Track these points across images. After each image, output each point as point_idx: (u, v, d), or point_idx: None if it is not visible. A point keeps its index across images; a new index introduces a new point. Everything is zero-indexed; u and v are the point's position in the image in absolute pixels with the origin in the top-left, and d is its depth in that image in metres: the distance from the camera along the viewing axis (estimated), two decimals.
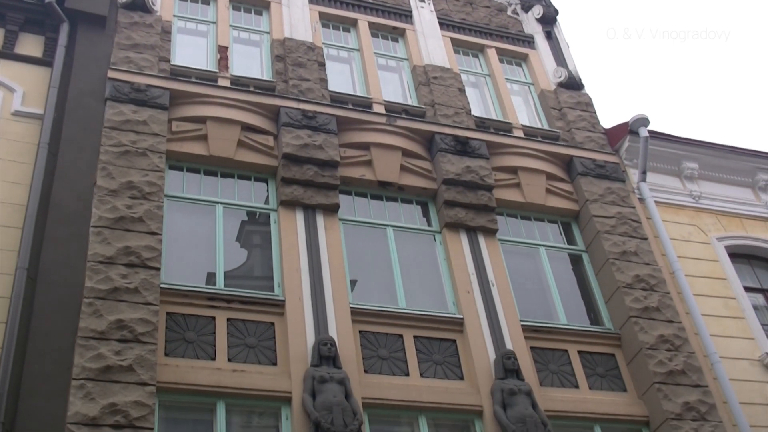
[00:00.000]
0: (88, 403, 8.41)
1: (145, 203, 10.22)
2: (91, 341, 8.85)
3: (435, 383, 10.32)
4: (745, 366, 12.08)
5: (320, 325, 10.11)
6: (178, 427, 9.30)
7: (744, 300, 13.02)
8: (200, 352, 9.60)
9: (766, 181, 14.92)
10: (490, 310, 11.14)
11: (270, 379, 9.55)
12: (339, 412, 9.10)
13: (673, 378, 11.13)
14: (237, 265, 10.96)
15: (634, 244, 12.59)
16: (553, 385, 10.96)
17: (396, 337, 10.61)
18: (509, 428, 9.75)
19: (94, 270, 9.42)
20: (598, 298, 12.26)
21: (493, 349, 10.71)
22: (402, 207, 12.31)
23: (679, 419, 10.71)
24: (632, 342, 11.50)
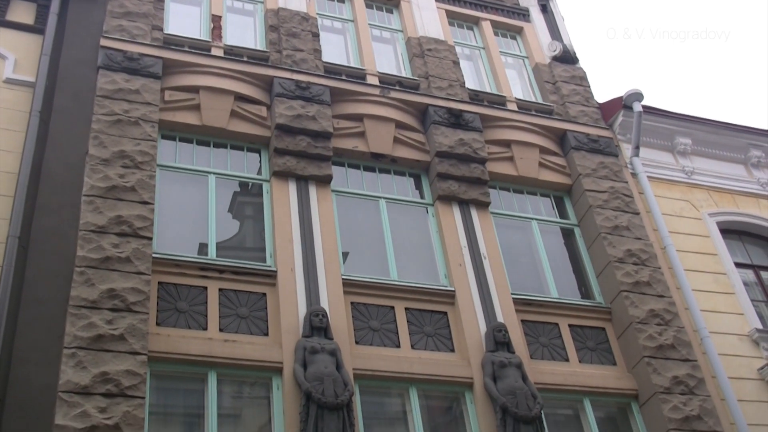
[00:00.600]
0: (80, 371, 8.42)
1: (138, 172, 10.19)
2: (83, 310, 8.84)
3: (426, 355, 10.36)
4: (734, 341, 12.16)
5: (312, 296, 10.13)
6: (169, 396, 9.33)
7: (734, 276, 13.08)
8: (192, 322, 9.61)
9: (758, 157, 14.94)
10: (481, 282, 11.17)
11: (261, 350, 9.58)
12: (330, 383, 9.13)
13: (663, 352, 11.19)
14: (229, 236, 10.95)
15: (626, 219, 12.62)
16: (543, 358, 11.03)
17: (387, 309, 10.64)
18: (499, 400, 9.81)
19: (85, 239, 9.40)
20: (589, 272, 12.31)
21: (484, 322, 10.75)
22: (395, 179, 12.30)
23: (668, 393, 10.78)
24: (622, 316, 11.56)
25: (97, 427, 8.11)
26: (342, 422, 8.96)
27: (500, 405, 9.78)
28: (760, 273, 13.84)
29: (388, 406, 10.16)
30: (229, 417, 9.43)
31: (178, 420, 9.37)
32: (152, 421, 8.86)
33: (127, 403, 8.36)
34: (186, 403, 9.43)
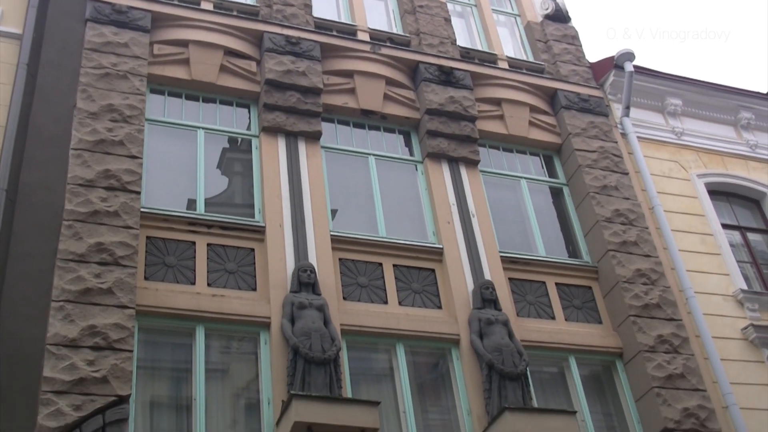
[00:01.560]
0: (68, 324, 8.44)
1: (126, 126, 10.14)
2: (71, 264, 8.84)
3: (413, 311, 10.42)
4: (719, 301, 12.26)
5: (300, 251, 10.14)
6: (157, 350, 9.37)
7: (721, 237, 13.14)
8: (180, 276, 9.63)
9: (748, 119, 14.94)
10: (469, 240, 11.20)
11: (249, 305, 9.61)
12: (317, 338, 9.18)
13: (648, 311, 11.28)
14: (218, 192, 10.93)
15: (615, 179, 12.65)
16: (529, 315, 11.10)
17: (375, 266, 10.67)
18: (485, 357, 9.89)
19: (73, 193, 9.36)
20: (577, 231, 12.36)
21: (471, 279, 10.80)
22: (384, 136, 12.27)
23: (652, 351, 10.88)
24: (609, 275, 11.63)
25: (86, 380, 8.15)
26: (329, 377, 9.01)
27: (486, 362, 9.86)
28: (747, 235, 13.92)
29: (375, 362, 10.23)
30: (216, 372, 9.49)
31: (165, 374, 9.41)
32: (140, 375, 8.90)
33: (115, 356, 8.40)
34: (174, 358, 9.48)
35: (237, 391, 9.52)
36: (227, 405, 9.38)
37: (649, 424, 10.51)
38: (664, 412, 10.39)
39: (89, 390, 8.12)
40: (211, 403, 9.10)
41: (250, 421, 9.23)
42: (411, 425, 9.61)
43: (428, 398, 10.20)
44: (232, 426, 9.25)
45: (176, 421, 9.05)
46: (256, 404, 9.25)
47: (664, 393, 10.56)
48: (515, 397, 9.64)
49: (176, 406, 9.14)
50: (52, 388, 8.00)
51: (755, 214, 14.37)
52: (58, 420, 7.85)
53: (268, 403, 9.08)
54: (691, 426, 10.40)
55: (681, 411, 10.46)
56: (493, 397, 9.67)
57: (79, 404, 8.01)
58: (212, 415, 9.05)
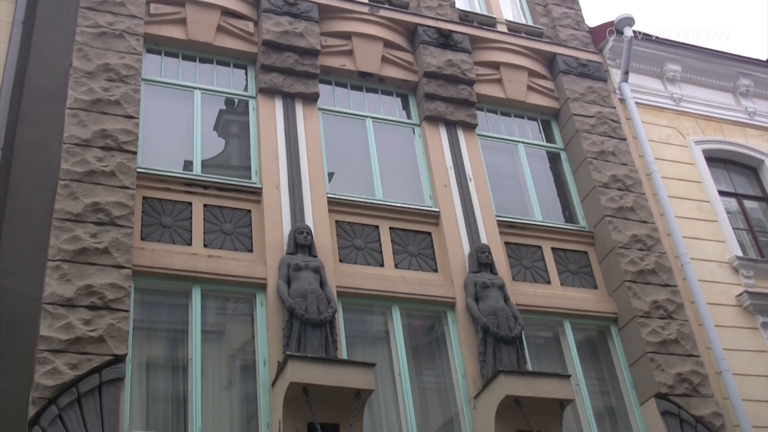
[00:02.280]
0: (64, 284, 8.44)
1: (122, 86, 10.07)
2: (67, 223, 8.83)
3: (409, 274, 10.43)
4: (714, 268, 12.29)
5: (297, 213, 10.13)
6: (153, 310, 9.38)
7: (717, 203, 13.15)
8: (176, 237, 9.62)
9: (747, 86, 14.89)
10: (466, 204, 11.20)
11: (245, 266, 9.61)
12: (313, 300, 9.20)
13: (644, 277, 11.31)
14: (214, 154, 10.89)
15: (613, 145, 12.62)
16: (525, 280, 11.12)
17: (372, 228, 10.66)
18: (481, 320, 9.92)
19: (69, 152, 9.32)
20: (574, 196, 12.36)
21: (467, 243, 10.81)
22: (382, 99, 12.22)
23: (647, 317, 10.93)
24: (605, 240, 11.65)
25: (82, 339, 8.16)
26: (325, 339, 9.04)
27: (481, 325, 9.89)
28: (743, 202, 13.93)
29: (370, 324, 10.26)
30: (212, 333, 9.51)
31: (161, 335, 9.42)
32: (136, 335, 8.92)
33: (111, 316, 8.41)
34: (170, 319, 9.48)
35: (233, 351, 9.55)
36: (223, 366, 9.41)
37: (643, 389, 10.58)
38: (658, 377, 10.45)
39: (86, 349, 8.14)
40: (206, 363, 9.13)
41: (245, 381, 9.27)
42: (406, 387, 9.66)
43: (423, 361, 10.24)
44: (228, 387, 9.29)
45: (172, 382, 9.08)
46: (251, 365, 9.28)
47: (658, 358, 10.62)
48: (510, 360, 9.68)
49: (172, 366, 9.17)
50: (48, 347, 8.02)
51: (752, 181, 14.37)
52: (55, 378, 7.87)
53: (264, 363, 9.11)
54: (684, 391, 10.47)
55: (674, 376, 10.52)
56: (488, 360, 9.71)
57: (75, 363, 8.02)
58: (208, 375, 9.08)
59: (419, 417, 9.60)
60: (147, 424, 8.64)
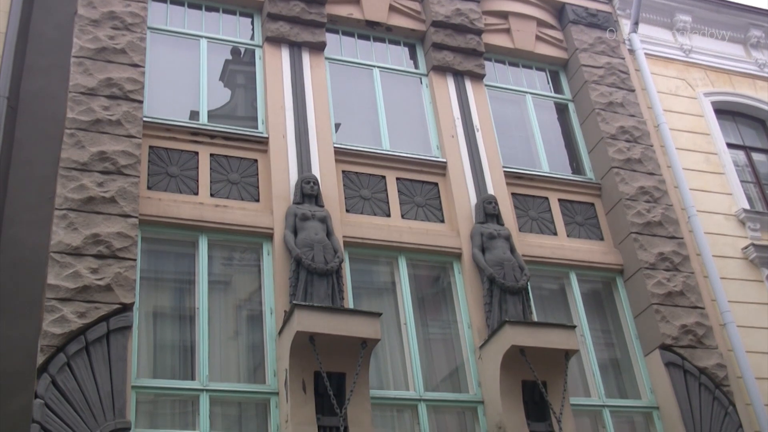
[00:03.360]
0: (71, 232, 8.46)
1: (128, 34, 9.99)
2: (73, 172, 8.82)
3: (416, 225, 10.43)
4: (721, 220, 12.26)
5: (303, 163, 10.10)
6: (160, 259, 9.41)
7: (725, 156, 13.09)
8: (183, 186, 9.61)
9: (758, 37, 14.73)
10: (473, 155, 11.15)
11: (252, 215, 9.62)
12: (320, 250, 9.21)
13: (650, 229, 11.30)
14: (220, 104, 10.85)
15: (621, 96, 12.53)
16: (531, 231, 11.12)
17: (378, 178, 10.64)
18: (487, 271, 9.93)
19: (75, 101, 9.29)
20: (581, 147, 12.30)
21: (474, 194, 10.78)
22: (389, 48, 12.11)
23: (653, 269, 10.94)
24: (612, 192, 11.62)
25: (89, 288, 8.20)
26: (331, 289, 9.06)
27: (487, 276, 9.91)
28: (751, 154, 13.85)
29: (376, 274, 10.29)
30: (219, 283, 9.55)
31: (168, 285, 9.47)
32: (143, 285, 8.95)
33: (118, 265, 8.44)
34: (177, 269, 9.52)
35: (239, 301, 9.60)
36: (230, 315, 9.46)
37: (647, 340, 10.62)
38: (663, 328, 10.48)
39: (93, 298, 8.19)
40: (213, 313, 9.18)
41: (252, 331, 9.33)
42: (412, 337, 9.72)
43: (429, 311, 10.28)
44: (235, 336, 9.35)
45: (179, 331, 9.14)
46: (258, 314, 9.33)
47: (663, 310, 10.65)
48: (515, 311, 9.72)
49: (179, 316, 9.23)
50: (56, 296, 8.07)
51: (760, 133, 14.28)
52: (63, 327, 7.93)
53: (271, 313, 9.16)
54: (688, 343, 10.51)
55: (679, 328, 10.56)
56: (494, 310, 9.74)
57: (83, 311, 8.08)
58: (215, 324, 9.14)
59: (425, 367, 9.67)
60: (154, 372, 8.71)
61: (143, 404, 8.37)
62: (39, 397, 7.58)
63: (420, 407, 9.30)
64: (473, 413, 9.53)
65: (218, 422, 8.54)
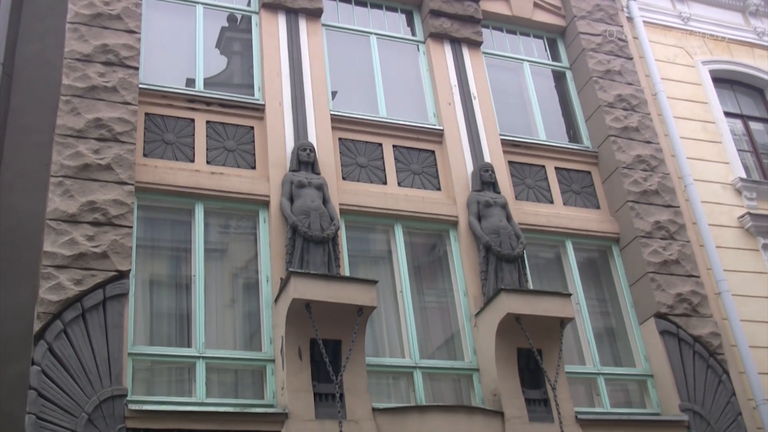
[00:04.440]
0: (67, 200, 8.45)
1: (123, 0, 9.91)
2: (69, 139, 8.79)
3: (412, 192, 10.42)
4: (717, 189, 12.27)
5: (300, 130, 10.07)
6: (156, 227, 9.41)
7: (723, 125, 13.06)
8: (179, 153, 9.58)
9: (757, 5, 14.63)
10: (470, 122, 11.12)
11: (248, 183, 9.60)
12: (316, 217, 9.20)
13: (647, 197, 11.30)
14: (217, 72, 10.77)
15: (619, 64, 12.48)
16: (528, 199, 11.12)
17: (375, 146, 10.62)
18: (483, 239, 9.94)
19: (71, 67, 9.23)
20: (578, 115, 12.27)
21: (471, 162, 10.77)
22: (386, 15, 12.02)
23: (649, 237, 10.95)
24: (609, 160, 11.61)
25: (86, 255, 8.21)
26: (327, 256, 9.07)
27: (484, 243, 9.92)
28: (749, 123, 13.82)
29: (373, 242, 10.29)
30: (215, 251, 9.56)
31: (165, 253, 9.48)
32: (139, 252, 8.96)
33: (114, 232, 8.44)
34: (173, 237, 9.52)
35: (235, 269, 9.61)
36: (226, 282, 9.48)
37: (642, 309, 10.67)
38: (658, 296, 10.52)
39: (89, 265, 8.20)
40: (210, 280, 9.20)
41: (248, 298, 9.35)
42: (408, 305, 9.74)
43: (425, 279, 10.31)
44: (231, 304, 9.37)
45: (175, 298, 9.16)
46: (254, 282, 9.35)
47: (659, 278, 10.68)
48: (511, 278, 9.74)
49: (175, 283, 9.24)
50: (52, 263, 8.07)
51: (758, 102, 14.24)
52: (59, 294, 7.94)
53: (267, 280, 9.17)
54: (683, 311, 10.55)
55: (674, 296, 10.60)
56: (490, 278, 9.76)
57: (79, 279, 8.09)
58: (211, 292, 9.16)
59: (420, 334, 9.71)
60: (151, 339, 8.75)
61: (140, 371, 8.40)
62: (36, 363, 7.61)
63: (416, 374, 9.35)
64: (468, 380, 9.58)
65: (214, 389, 8.58)
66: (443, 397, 9.48)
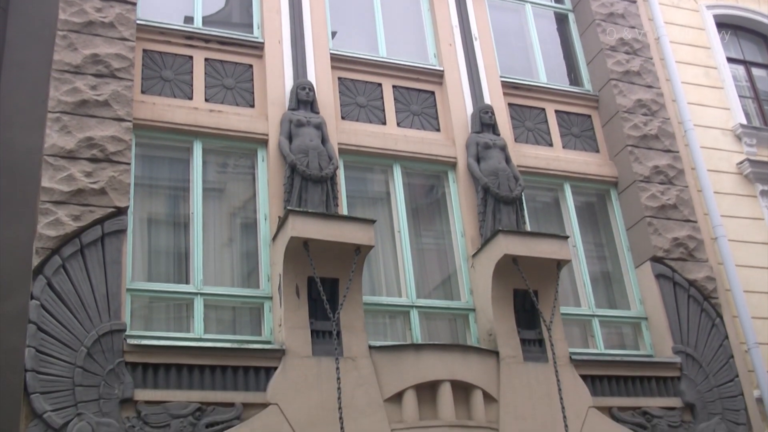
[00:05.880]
0: (65, 136, 8.42)
1: None
2: (66, 75, 8.73)
3: (411, 133, 10.38)
4: (717, 135, 12.24)
5: (299, 69, 9.99)
6: (154, 165, 9.38)
7: (725, 70, 12.98)
8: (177, 91, 9.52)
9: None
10: (470, 64, 11.04)
11: (247, 121, 9.56)
12: (315, 156, 9.18)
13: (646, 142, 11.28)
14: (215, 10, 10.65)
15: (622, 7, 12.36)
16: (527, 141, 11.09)
17: (375, 86, 10.55)
18: (481, 180, 9.93)
19: (67, 2, 9.11)
20: (580, 58, 12.18)
21: (471, 103, 10.71)
22: None
23: (647, 182, 10.96)
24: (609, 104, 11.56)
25: (84, 191, 8.21)
26: (326, 195, 9.07)
27: (482, 185, 9.91)
28: (751, 69, 13.73)
29: (371, 182, 10.28)
30: (213, 190, 9.55)
31: (163, 191, 9.45)
32: (138, 191, 8.95)
33: (112, 169, 8.44)
34: (171, 175, 9.49)
35: (234, 208, 9.61)
36: (224, 221, 9.50)
37: (639, 253, 10.71)
38: (654, 241, 10.57)
39: (88, 201, 8.21)
40: (208, 219, 9.22)
41: (246, 237, 9.38)
42: (405, 245, 9.78)
43: (423, 220, 10.33)
44: (229, 242, 9.40)
45: (174, 236, 9.18)
46: (252, 220, 9.36)
47: (656, 223, 10.71)
48: (509, 220, 9.75)
49: (174, 222, 9.25)
50: (50, 199, 8.08)
51: (761, 48, 14.13)
52: (58, 229, 7.97)
53: (265, 219, 9.19)
54: (679, 255, 10.60)
55: (671, 240, 10.64)
56: (488, 220, 9.78)
57: (77, 215, 8.11)
58: (209, 230, 9.18)
59: (417, 274, 9.75)
60: (149, 276, 8.78)
61: (138, 307, 8.46)
62: (35, 298, 7.65)
63: (412, 314, 9.42)
64: (464, 320, 9.65)
65: (212, 326, 8.65)
66: (439, 337, 9.56)
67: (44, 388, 7.37)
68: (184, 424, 7.69)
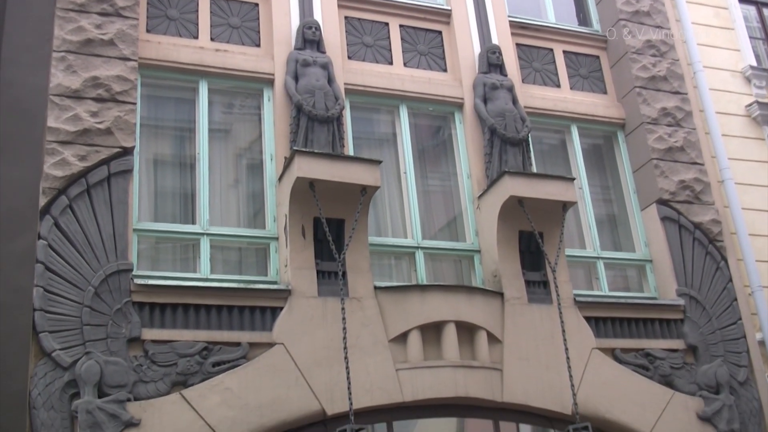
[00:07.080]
0: (70, 75, 8.38)
1: None
2: (71, 13, 8.66)
3: (418, 73, 10.31)
4: (726, 77, 12.13)
5: (305, 8, 9.88)
6: (160, 104, 9.34)
7: (736, 10, 12.81)
8: (183, 30, 9.44)
9: None
10: (478, 3, 10.89)
11: (253, 60, 9.49)
12: (321, 96, 9.14)
13: (654, 83, 11.19)
14: None
15: None
16: (535, 82, 11.02)
17: (381, 25, 10.44)
18: (488, 121, 9.89)
19: None
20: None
21: (478, 43, 10.61)
22: None
23: (655, 124, 10.90)
24: (618, 45, 11.44)
25: (90, 131, 8.20)
26: (332, 135, 9.04)
27: (489, 126, 9.87)
28: (763, 10, 13.54)
29: (377, 123, 10.25)
30: (219, 131, 9.52)
31: (169, 132, 9.43)
32: (144, 131, 8.93)
33: (118, 108, 8.41)
34: (177, 116, 9.46)
35: (240, 149, 9.60)
36: (230, 162, 9.49)
37: (645, 195, 10.71)
38: (661, 183, 10.55)
39: (94, 141, 8.20)
40: (214, 159, 9.22)
41: (252, 177, 9.38)
42: (411, 186, 9.78)
43: (429, 161, 10.31)
44: (235, 183, 9.41)
45: (180, 177, 9.18)
46: (258, 161, 9.36)
47: (662, 165, 10.68)
48: (515, 162, 9.73)
49: (180, 162, 9.24)
50: (56, 138, 8.07)
51: None
52: (64, 169, 7.97)
53: (271, 159, 9.18)
54: (685, 198, 10.59)
55: (677, 183, 10.62)
56: (494, 161, 9.76)
57: (84, 155, 8.11)
58: (215, 171, 9.19)
59: (423, 215, 9.77)
60: (155, 216, 8.81)
61: (145, 248, 8.50)
62: (42, 238, 7.70)
63: (417, 255, 9.46)
64: (470, 261, 9.69)
65: (219, 266, 8.70)
66: (444, 278, 9.61)
67: (53, 327, 7.45)
68: (191, 363, 7.79)
